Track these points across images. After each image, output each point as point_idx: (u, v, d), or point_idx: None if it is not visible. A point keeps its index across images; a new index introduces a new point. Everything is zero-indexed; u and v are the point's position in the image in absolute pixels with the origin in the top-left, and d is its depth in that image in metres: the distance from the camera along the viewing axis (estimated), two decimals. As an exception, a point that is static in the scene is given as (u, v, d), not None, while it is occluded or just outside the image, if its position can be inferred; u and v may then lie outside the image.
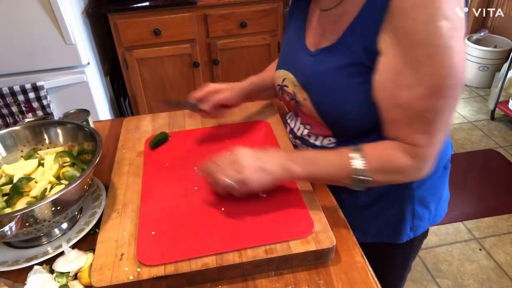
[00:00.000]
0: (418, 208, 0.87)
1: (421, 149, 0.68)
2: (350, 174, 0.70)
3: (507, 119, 2.78)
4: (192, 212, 0.77)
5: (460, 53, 0.62)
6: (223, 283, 0.69)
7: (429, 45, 0.61)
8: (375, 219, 0.88)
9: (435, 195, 0.89)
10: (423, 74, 0.63)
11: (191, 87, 2.34)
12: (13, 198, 0.75)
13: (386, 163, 0.70)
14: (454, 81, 0.63)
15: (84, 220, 0.80)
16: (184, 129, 1.05)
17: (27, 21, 1.73)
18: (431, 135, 0.67)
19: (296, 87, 0.82)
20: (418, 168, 0.70)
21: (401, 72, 0.65)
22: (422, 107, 0.65)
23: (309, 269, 0.70)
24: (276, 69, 0.91)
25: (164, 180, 0.86)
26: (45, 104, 1.92)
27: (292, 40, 0.86)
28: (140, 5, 2.03)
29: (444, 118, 0.67)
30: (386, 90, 0.68)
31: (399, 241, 0.90)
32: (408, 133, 0.68)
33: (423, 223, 0.90)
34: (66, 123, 0.89)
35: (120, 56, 2.17)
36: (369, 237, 0.89)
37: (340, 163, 0.72)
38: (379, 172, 0.71)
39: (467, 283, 1.75)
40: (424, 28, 0.61)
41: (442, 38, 0.61)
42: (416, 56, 0.63)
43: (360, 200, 0.86)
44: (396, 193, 0.84)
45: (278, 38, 2.27)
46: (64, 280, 0.69)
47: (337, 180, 0.73)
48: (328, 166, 0.73)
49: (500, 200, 2.16)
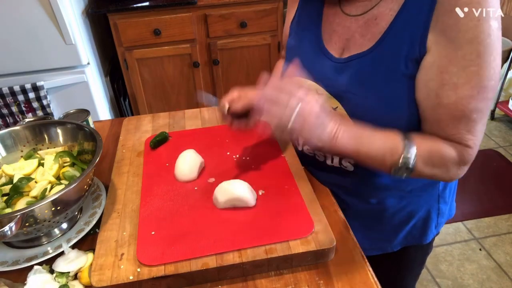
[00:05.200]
0: (442, 205, 0.86)
1: (467, 149, 0.67)
2: (397, 160, 0.67)
3: (507, 119, 2.78)
4: (192, 212, 0.77)
5: (500, 55, 0.62)
6: (223, 283, 0.69)
7: (479, 43, 0.60)
8: (404, 226, 0.87)
9: (451, 189, 0.89)
10: (470, 73, 0.61)
11: (191, 87, 2.34)
12: (13, 198, 0.75)
13: (435, 154, 0.67)
14: (495, 83, 0.63)
15: (84, 220, 0.80)
16: (184, 129, 1.05)
17: (27, 21, 1.73)
18: (475, 136, 0.66)
19: (322, 96, 0.76)
20: (460, 167, 0.69)
21: (447, 71, 0.63)
22: (468, 107, 0.63)
23: (309, 269, 0.70)
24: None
25: (164, 180, 0.86)
26: (45, 104, 1.92)
27: (306, 45, 0.81)
28: (140, 5, 2.03)
29: (484, 120, 0.66)
30: (430, 89, 0.65)
31: (425, 242, 0.89)
32: (454, 133, 0.66)
33: (444, 219, 0.90)
34: (66, 123, 0.89)
35: (120, 56, 2.17)
36: (397, 245, 0.88)
37: (389, 145, 0.68)
38: (425, 163, 0.68)
39: (467, 283, 1.75)
40: (477, 25, 0.59)
41: (491, 38, 0.60)
42: (464, 55, 0.61)
43: (388, 211, 0.84)
44: (424, 195, 0.83)
45: (278, 38, 2.27)
46: (64, 280, 0.69)
47: (381, 162, 0.69)
48: (376, 145, 0.69)
49: (500, 200, 2.16)
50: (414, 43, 0.65)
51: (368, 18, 0.70)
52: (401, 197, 0.83)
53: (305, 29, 0.83)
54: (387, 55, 0.68)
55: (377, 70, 0.69)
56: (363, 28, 0.71)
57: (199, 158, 0.88)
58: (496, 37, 0.60)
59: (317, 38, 0.79)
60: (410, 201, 0.84)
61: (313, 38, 0.80)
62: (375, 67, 0.69)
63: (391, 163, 0.68)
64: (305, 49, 0.82)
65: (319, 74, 0.77)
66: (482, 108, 0.64)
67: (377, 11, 0.69)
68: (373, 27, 0.70)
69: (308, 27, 0.82)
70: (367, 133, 0.70)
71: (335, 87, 0.75)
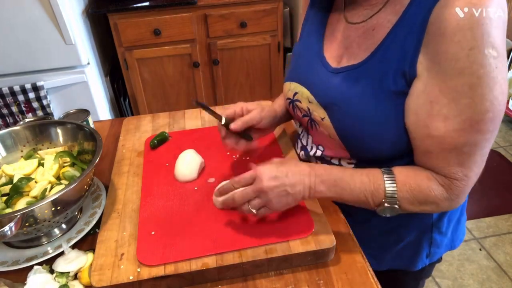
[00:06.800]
0: (435, 235, 0.83)
1: (456, 182, 0.63)
2: (380, 201, 0.66)
3: (507, 119, 2.78)
4: (192, 212, 0.77)
5: (502, 85, 0.57)
6: (223, 283, 0.69)
7: (472, 74, 0.55)
8: (391, 247, 0.85)
9: (452, 221, 0.85)
10: (461, 106, 0.57)
11: (191, 87, 2.34)
12: (13, 198, 0.75)
13: (419, 194, 0.65)
14: (494, 114, 0.58)
15: (84, 220, 0.80)
16: (184, 129, 1.05)
17: (27, 21, 1.73)
18: (468, 168, 0.62)
19: (312, 104, 0.76)
20: (452, 200, 0.65)
21: (437, 101, 0.59)
22: (458, 141, 0.60)
23: (309, 269, 0.70)
24: (286, 81, 0.84)
25: (164, 180, 0.86)
26: (45, 104, 1.92)
27: (307, 51, 0.79)
28: (140, 5, 2.03)
29: (481, 152, 0.61)
30: (419, 118, 0.62)
31: (414, 269, 0.87)
32: (444, 165, 0.63)
33: (440, 250, 0.87)
34: (66, 123, 0.89)
35: (120, 56, 2.17)
36: (382, 265, 0.86)
37: (370, 188, 0.66)
38: (410, 203, 0.66)
39: (467, 283, 1.75)
40: (468, 54, 0.54)
41: (486, 68, 0.55)
42: (455, 86, 0.57)
43: (376, 229, 0.83)
44: (416, 221, 0.81)
45: (278, 38, 2.27)
46: (64, 280, 0.69)
47: (364, 204, 0.68)
48: (356, 189, 0.67)
49: (500, 200, 2.16)
50: (405, 61, 0.61)
51: (367, 28, 0.68)
52: (388, 220, 0.78)
53: (310, 34, 0.81)
54: (377, 69, 0.65)
55: (366, 84, 0.66)
56: (361, 38, 0.69)
57: (199, 158, 0.88)
58: (493, 67, 0.55)
59: (319, 44, 0.77)
60: (399, 225, 0.81)
61: (315, 44, 0.78)
62: (364, 80, 0.67)
63: (377, 205, 0.67)
64: (305, 52, 0.81)
65: (315, 82, 0.75)
66: (476, 141, 0.60)
67: (376, 21, 0.67)
68: (370, 38, 0.67)
69: (312, 32, 0.80)
70: (345, 176, 0.68)
71: (325, 97, 0.73)
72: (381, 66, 0.64)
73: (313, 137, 0.83)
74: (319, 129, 0.77)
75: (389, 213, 0.67)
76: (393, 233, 0.83)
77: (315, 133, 0.81)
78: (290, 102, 0.83)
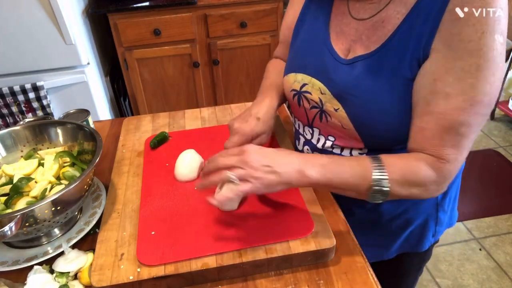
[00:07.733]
0: (440, 214, 0.85)
1: (446, 164, 0.64)
2: (369, 184, 0.65)
3: (507, 119, 2.78)
4: (192, 212, 0.77)
5: (501, 72, 0.60)
6: (223, 283, 0.69)
7: (481, 56, 0.58)
8: (400, 233, 0.86)
9: (451, 198, 0.88)
10: (465, 85, 0.60)
11: (191, 87, 2.34)
12: (13, 198, 0.75)
13: (408, 174, 0.65)
14: (491, 99, 0.61)
15: (84, 220, 0.80)
16: (184, 129, 1.05)
17: (27, 21, 1.73)
18: (459, 151, 0.64)
19: (325, 95, 0.76)
20: (439, 183, 0.66)
21: (441, 79, 0.61)
22: (457, 119, 0.62)
23: (309, 269, 0.70)
24: (288, 72, 0.84)
25: (164, 180, 0.86)
26: (45, 104, 1.92)
27: (313, 43, 0.79)
28: (140, 5, 2.03)
29: (472, 136, 0.64)
30: (420, 95, 0.64)
31: (421, 250, 0.89)
32: (437, 144, 0.64)
33: (442, 227, 0.89)
34: (66, 123, 0.89)
35: (120, 56, 2.17)
36: (391, 251, 0.87)
37: (359, 171, 0.66)
38: (400, 184, 0.65)
39: (467, 283, 1.75)
40: (480, 37, 0.58)
41: (493, 52, 0.58)
42: (463, 66, 0.60)
43: (387, 215, 0.83)
44: (422, 202, 0.82)
45: (278, 38, 2.27)
46: (64, 280, 0.69)
47: (354, 189, 0.67)
48: (346, 173, 0.66)
49: (500, 200, 2.16)
50: (419, 48, 0.63)
51: (376, 21, 0.69)
52: (398, 204, 0.82)
53: (311, 23, 0.81)
54: (391, 58, 0.66)
55: (381, 73, 0.68)
56: (370, 31, 0.70)
57: (199, 158, 0.88)
58: (499, 53, 0.59)
59: (325, 36, 0.77)
60: (408, 208, 0.83)
61: (320, 36, 0.78)
62: (379, 69, 0.68)
63: (366, 189, 0.66)
64: (310, 44, 0.80)
65: (328, 74, 0.75)
66: (472, 122, 0.62)
67: (385, 14, 0.68)
68: (379, 30, 0.68)
69: (314, 21, 0.80)
70: (336, 161, 0.68)
71: (337, 87, 0.74)
72: (395, 55, 0.66)
73: (320, 129, 0.82)
74: (331, 120, 0.77)
75: (379, 198, 0.67)
76: (402, 218, 0.84)
77: (324, 125, 0.80)
78: (296, 94, 0.82)
